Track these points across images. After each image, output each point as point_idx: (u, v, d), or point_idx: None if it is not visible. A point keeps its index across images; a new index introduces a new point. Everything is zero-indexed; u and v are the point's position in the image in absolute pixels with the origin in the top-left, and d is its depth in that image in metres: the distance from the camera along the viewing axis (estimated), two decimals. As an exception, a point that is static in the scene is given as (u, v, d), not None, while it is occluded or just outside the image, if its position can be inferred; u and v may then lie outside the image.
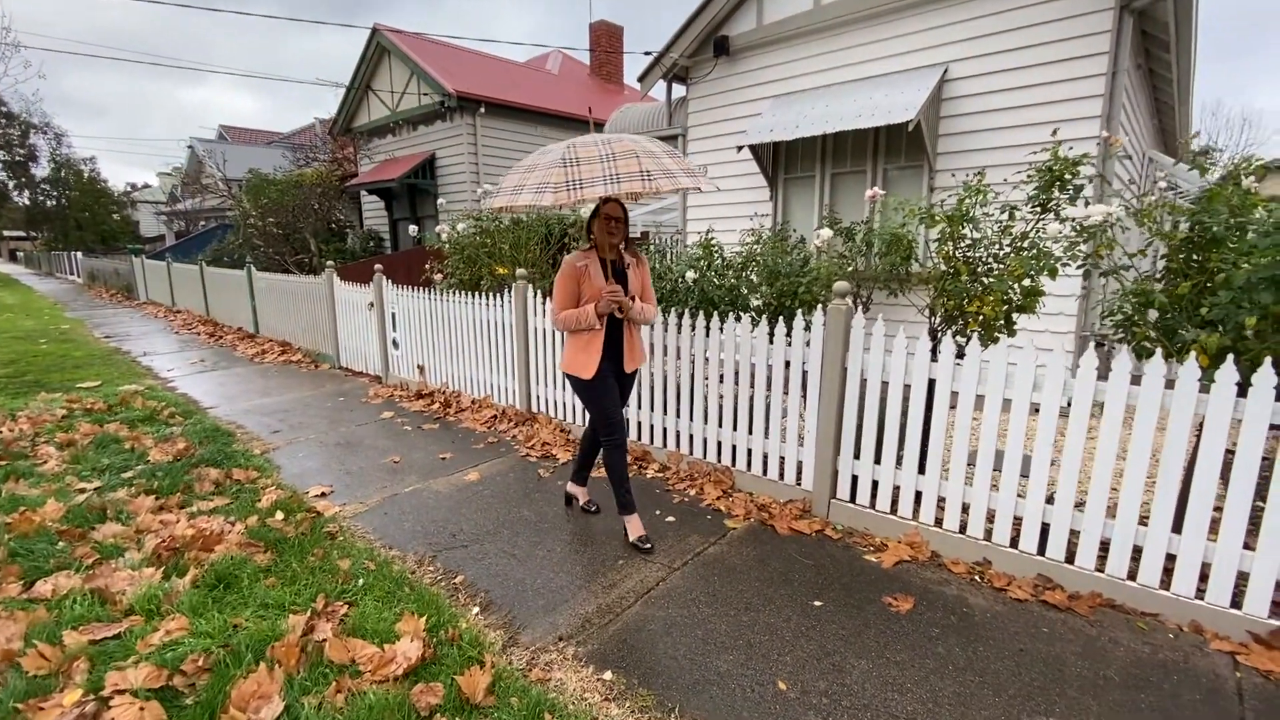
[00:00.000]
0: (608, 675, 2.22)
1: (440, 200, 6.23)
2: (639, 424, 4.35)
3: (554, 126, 13.12)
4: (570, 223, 5.17)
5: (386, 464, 4.35)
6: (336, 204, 13.86)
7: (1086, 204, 3.00)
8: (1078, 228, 3.04)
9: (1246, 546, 2.35)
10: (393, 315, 6.44)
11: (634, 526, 3.17)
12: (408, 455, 4.52)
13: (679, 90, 7.90)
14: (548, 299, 4.77)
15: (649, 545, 3.10)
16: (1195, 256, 2.81)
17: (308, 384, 6.79)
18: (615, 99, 15.55)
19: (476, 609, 2.63)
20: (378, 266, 6.53)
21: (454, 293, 5.62)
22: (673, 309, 4.03)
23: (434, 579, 2.88)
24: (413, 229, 6.19)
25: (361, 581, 2.77)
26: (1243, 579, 2.37)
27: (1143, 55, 6.27)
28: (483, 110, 11.70)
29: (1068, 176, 2.99)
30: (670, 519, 3.44)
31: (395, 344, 6.51)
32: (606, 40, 16.91)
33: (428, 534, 3.32)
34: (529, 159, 2.90)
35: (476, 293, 5.40)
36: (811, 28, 6.51)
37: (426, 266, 6.24)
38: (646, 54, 7.53)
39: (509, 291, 5.04)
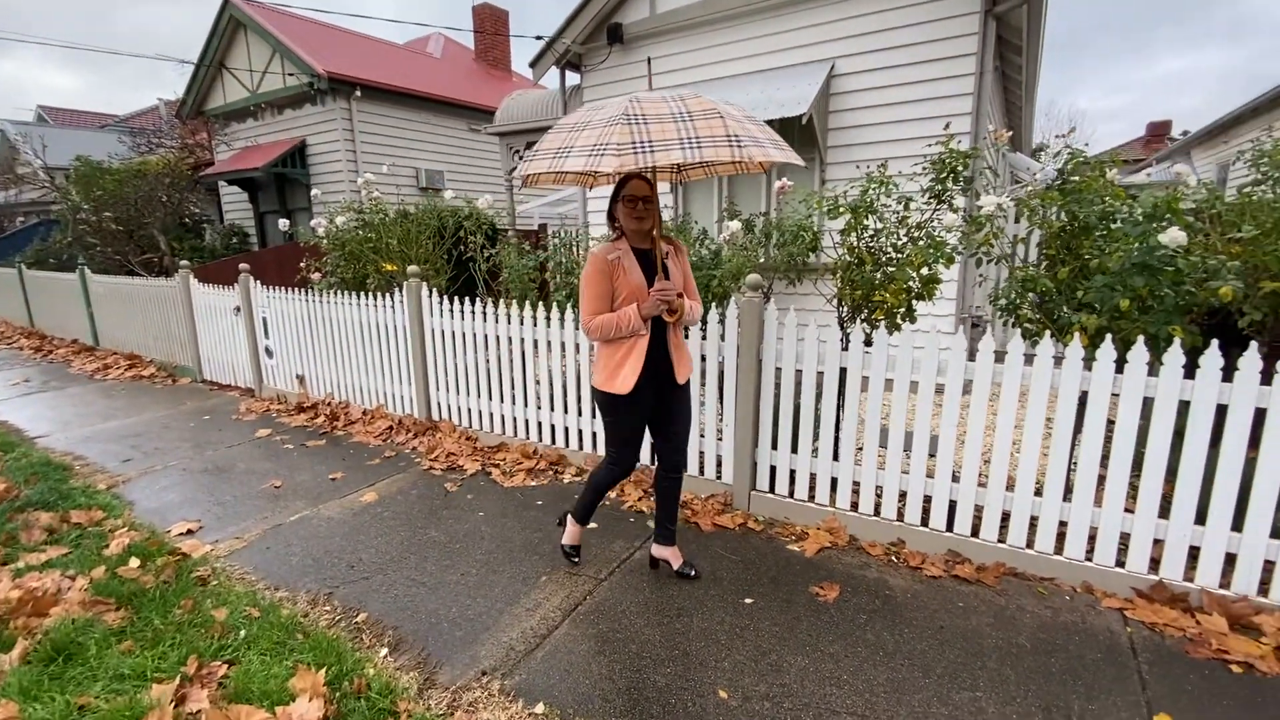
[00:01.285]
0: (539, 709, 2.05)
1: (315, 191, 5.64)
2: (551, 426, 4.16)
3: (440, 113, 12.41)
4: (466, 215, 4.83)
5: (266, 489, 3.87)
6: (190, 196, 12.31)
7: (977, 196, 3.16)
8: (969, 217, 3.21)
9: (1127, 510, 2.57)
10: (264, 320, 5.77)
11: (572, 533, 2.92)
12: (291, 478, 4.05)
13: (573, 78, 7.68)
14: (444, 298, 4.44)
15: (577, 558, 2.91)
16: (1069, 244, 3.04)
17: (164, 402, 5.96)
18: (504, 85, 14.97)
19: (385, 650, 2.35)
20: (244, 266, 5.82)
21: (336, 293, 5.11)
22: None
23: (332, 620, 2.55)
24: (283, 223, 5.56)
25: (244, 633, 2.40)
26: (1125, 540, 2.60)
27: (998, 58, 6.84)
28: (358, 94, 10.81)
29: (959, 169, 3.14)
30: (593, 525, 3.29)
31: (269, 352, 5.85)
32: (492, 24, 16.21)
33: (321, 568, 2.96)
34: (575, 115, 2.31)
35: (362, 293, 4.94)
36: (705, 19, 6.52)
37: (302, 265, 5.63)
38: (538, 38, 7.24)
39: (401, 290, 4.64)
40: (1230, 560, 2.43)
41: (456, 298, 4.38)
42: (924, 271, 3.18)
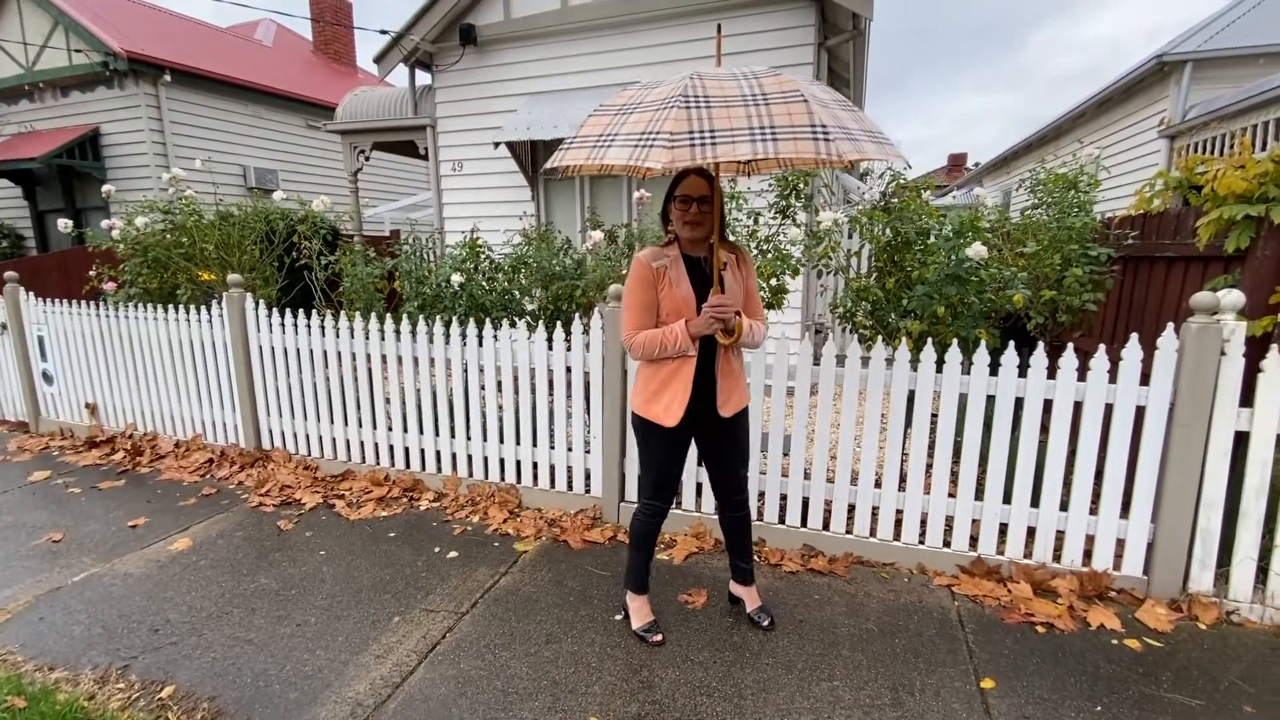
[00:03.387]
0: (391, 768, 1.83)
1: (107, 188, 4.80)
2: (405, 449, 3.84)
3: (272, 107, 11.24)
4: (299, 219, 4.35)
5: (42, 546, 3.18)
6: (-64, 189, 10.06)
7: (817, 212, 3.39)
8: (810, 232, 3.43)
9: (950, 495, 2.87)
10: (40, 339, 4.80)
11: (637, 609, 2.45)
12: (76, 529, 3.37)
13: (424, 78, 7.29)
14: (273, 309, 3.96)
15: (658, 635, 2.39)
16: (894, 257, 3.35)
17: (-108, 445, 4.74)
18: (348, 81, 13.91)
19: (197, 728, 1.99)
20: (10, 274, 4.81)
21: (137, 306, 4.38)
22: (439, 317, 3.62)
23: (128, 699, 2.12)
24: (64, 223, 4.66)
25: (-3, 733, 1.92)
26: (950, 522, 2.89)
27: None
28: (168, 79, 9.48)
29: (800, 186, 3.35)
30: (452, 554, 3.07)
31: (47, 378, 4.88)
32: (332, 14, 15.02)
33: (114, 636, 2.47)
34: (622, 96, 1.91)
35: (172, 305, 4.27)
36: (562, 28, 6.48)
37: (91, 273, 4.77)
38: (383, 33, 6.78)
39: (221, 302, 4.07)
40: (1031, 533, 2.79)
41: (289, 310, 3.92)
42: (773, 282, 3.35)
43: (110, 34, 9.30)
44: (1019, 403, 2.72)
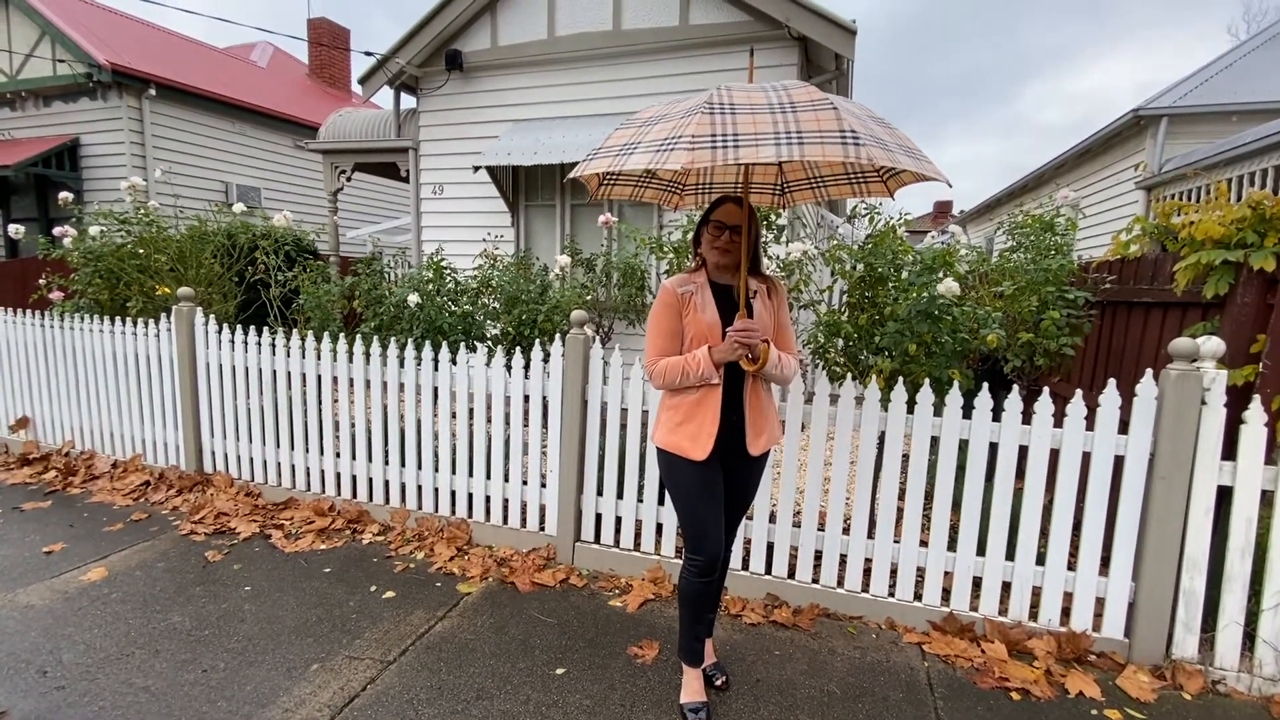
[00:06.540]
0: None
1: (64, 195, 4.63)
2: (353, 477, 3.62)
3: (261, 126, 11.20)
4: (261, 234, 4.19)
5: (-62, 573, 2.92)
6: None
7: (787, 243, 3.30)
8: (782, 264, 3.33)
9: (922, 543, 2.70)
10: (-21, 349, 4.57)
11: (689, 684, 2.17)
12: (-16, 554, 3.11)
13: (409, 101, 7.26)
14: (225, 325, 3.77)
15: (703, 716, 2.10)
16: (867, 293, 3.25)
17: None
18: (340, 104, 13.94)
19: (61, 794, 1.75)
20: (-46, 280, 4.60)
21: (81, 317, 4.17)
22: (393, 339, 3.45)
23: (-11, 756, 1.88)
24: (15, 229, 4.46)
25: None
26: (921, 574, 2.71)
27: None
28: (153, 93, 9.41)
29: (772, 216, 3.26)
30: (389, 594, 2.84)
31: (-15, 390, 4.62)
32: (329, 40, 15.16)
33: (-6, 679, 2.21)
34: (651, 110, 1.89)
35: (120, 318, 4.07)
36: (548, 57, 6.49)
37: (41, 281, 4.57)
38: (368, 54, 6.75)
39: (169, 317, 3.88)
40: (1006, 588, 2.62)
41: (244, 326, 3.74)
42: (744, 314, 3.22)
43: (97, 46, 9.25)
44: (993, 448, 2.59)
